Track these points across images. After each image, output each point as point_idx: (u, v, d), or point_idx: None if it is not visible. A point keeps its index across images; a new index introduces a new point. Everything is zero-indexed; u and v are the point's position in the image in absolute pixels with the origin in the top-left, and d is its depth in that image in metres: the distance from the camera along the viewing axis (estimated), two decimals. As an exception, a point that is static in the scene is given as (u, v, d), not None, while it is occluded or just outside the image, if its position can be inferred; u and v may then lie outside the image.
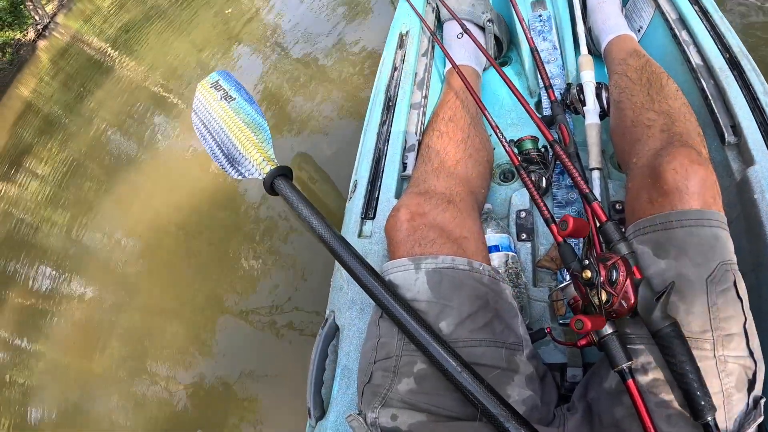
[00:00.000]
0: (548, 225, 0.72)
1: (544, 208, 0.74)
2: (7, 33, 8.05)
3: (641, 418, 0.56)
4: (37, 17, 8.10)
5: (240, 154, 1.00)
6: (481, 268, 0.74)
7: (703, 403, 0.54)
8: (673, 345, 0.56)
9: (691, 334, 0.57)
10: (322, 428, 0.83)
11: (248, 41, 3.41)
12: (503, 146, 0.91)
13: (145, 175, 3.07)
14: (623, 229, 0.68)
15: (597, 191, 0.93)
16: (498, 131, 0.92)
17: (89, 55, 6.11)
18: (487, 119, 0.94)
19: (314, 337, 0.92)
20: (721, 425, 0.55)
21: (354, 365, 0.83)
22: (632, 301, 0.59)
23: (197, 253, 2.24)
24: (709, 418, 0.54)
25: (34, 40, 8.29)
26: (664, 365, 0.58)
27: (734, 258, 0.62)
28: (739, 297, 0.59)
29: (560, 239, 0.68)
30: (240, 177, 1.00)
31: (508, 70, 1.25)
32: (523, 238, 0.96)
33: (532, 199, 0.78)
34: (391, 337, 0.69)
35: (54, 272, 2.86)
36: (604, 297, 0.60)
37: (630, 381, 0.57)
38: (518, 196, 1.00)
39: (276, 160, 0.95)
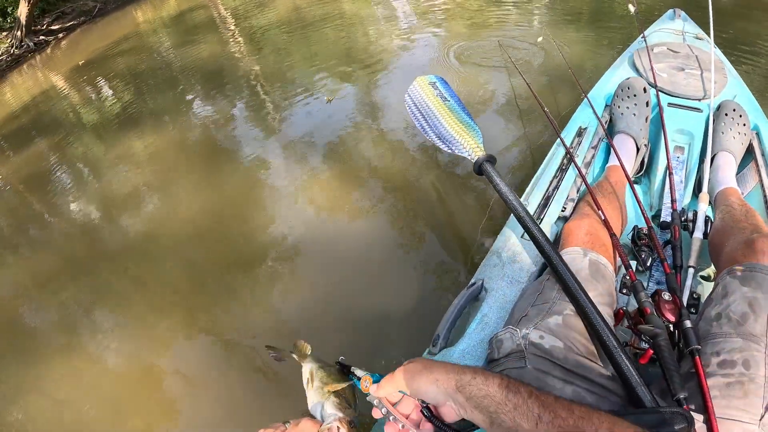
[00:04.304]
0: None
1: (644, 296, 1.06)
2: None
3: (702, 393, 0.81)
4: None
5: (452, 137, 1.31)
6: (613, 274, 1.12)
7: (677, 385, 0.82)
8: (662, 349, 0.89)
9: (755, 333, 0.85)
10: (448, 354, 1.07)
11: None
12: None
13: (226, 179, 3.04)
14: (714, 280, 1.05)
15: (688, 282, 1.23)
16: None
17: (212, 16, 6.38)
18: (636, 198, 1.27)
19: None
20: (763, 405, 0.76)
21: (493, 315, 1.16)
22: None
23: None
24: (682, 396, 0.80)
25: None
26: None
27: None
28: None
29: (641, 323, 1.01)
30: (448, 150, 1.29)
31: (638, 187, 1.64)
32: (624, 292, 1.24)
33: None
34: (551, 291, 0.99)
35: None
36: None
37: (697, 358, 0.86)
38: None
39: (485, 150, 1.26)
